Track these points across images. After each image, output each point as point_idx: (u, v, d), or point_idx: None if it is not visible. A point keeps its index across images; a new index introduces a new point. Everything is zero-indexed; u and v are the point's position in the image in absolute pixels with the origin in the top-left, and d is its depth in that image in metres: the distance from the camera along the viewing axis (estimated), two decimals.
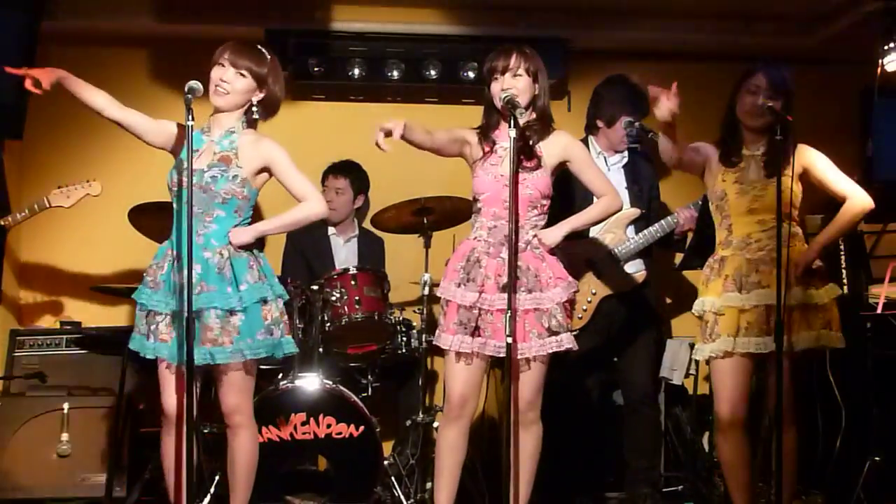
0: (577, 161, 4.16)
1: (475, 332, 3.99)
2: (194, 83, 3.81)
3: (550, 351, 4.00)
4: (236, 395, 3.98)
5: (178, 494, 3.89)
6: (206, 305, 3.87)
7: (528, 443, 4.05)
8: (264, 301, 3.95)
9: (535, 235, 4.03)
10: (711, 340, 4.13)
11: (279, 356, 4.05)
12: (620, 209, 4.27)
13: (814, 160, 4.19)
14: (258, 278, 3.97)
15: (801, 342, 4.10)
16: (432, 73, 6.07)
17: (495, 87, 4.04)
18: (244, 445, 4.04)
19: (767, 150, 4.17)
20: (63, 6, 5.62)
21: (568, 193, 5.09)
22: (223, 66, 3.96)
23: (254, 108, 4.04)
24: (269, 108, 4.09)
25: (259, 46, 4.07)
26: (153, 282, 3.93)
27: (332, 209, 5.79)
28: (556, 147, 4.11)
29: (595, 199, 4.29)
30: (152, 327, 3.90)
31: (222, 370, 3.93)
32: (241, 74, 3.96)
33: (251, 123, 4.08)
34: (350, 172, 5.83)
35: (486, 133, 4.13)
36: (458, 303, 3.98)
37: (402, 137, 3.92)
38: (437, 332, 4.08)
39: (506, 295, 3.88)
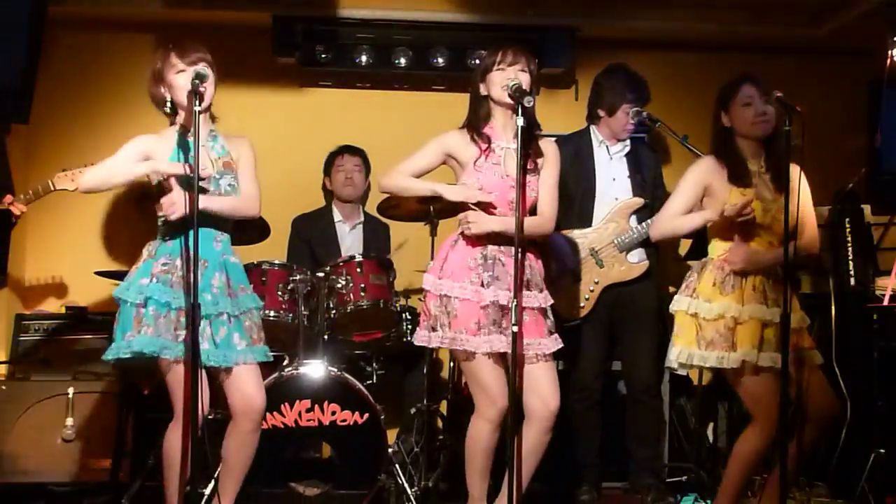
0: (551, 169, 4.11)
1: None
2: (202, 69, 3.80)
3: (556, 349, 4.04)
4: (262, 394, 4.05)
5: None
6: (254, 305, 4.05)
7: (545, 444, 4.04)
8: None
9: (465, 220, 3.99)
10: (731, 349, 4.07)
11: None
12: (544, 235, 4.17)
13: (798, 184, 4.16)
14: None
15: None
16: (439, 60, 6.06)
17: (498, 77, 3.98)
18: (255, 441, 4.07)
19: (771, 165, 4.18)
20: None
21: (566, 195, 5.12)
22: (183, 70, 3.86)
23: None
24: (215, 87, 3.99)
25: (186, 39, 3.99)
26: (175, 282, 3.85)
27: (352, 186, 5.83)
28: (544, 152, 4.09)
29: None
30: (174, 329, 3.82)
31: (255, 368, 4.00)
32: (206, 68, 3.87)
33: (212, 115, 4.06)
34: (360, 152, 5.89)
35: (477, 130, 4.06)
36: (490, 301, 3.92)
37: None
38: (457, 334, 3.94)
39: (533, 293, 3.97)
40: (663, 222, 4.31)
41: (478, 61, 5.87)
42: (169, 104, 3.96)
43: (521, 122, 3.73)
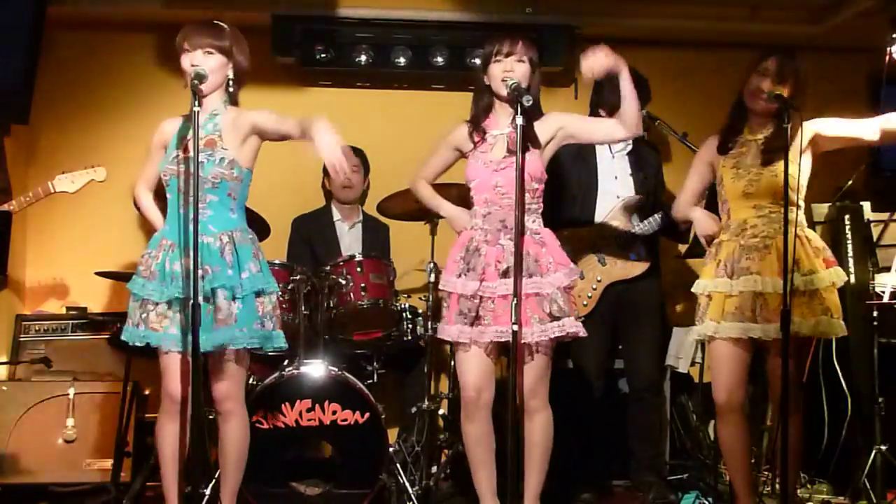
0: (570, 122, 4.17)
1: (476, 320, 3.99)
2: (202, 69, 3.82)
3: (552, 336, 3.97)
4: (228, 382, 4.01)
5: (181, 480, 3.92)
6: (216, 286, 3.89)
7: (534, 432, 4.04)
8: (260, 292, 3.98)
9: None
10: (701, 323, 4.19)
11: (268, 349, 4.05)
12: (623, 137, 4.25)
13: (820, 125, 4.20)
14: (258, 269, 4.01)
15: (800, 329, 4.05)
16: (439, 59, 6.05)
17: (496, 69, 4.02)
18: (234, 432, 4.07)
19: (770, 135, 4.18)
20: None
21: (568, 192, 5.11)
22: (188, 51, 3.95)
23: (230, 83, 4.03)
24: (239, 78, 4.07)
25: (215, 21, 4.05)
26: (147, 271, 3.93)
27: (349, 188, 5.81)
28: (545, 125, 4.10)
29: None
30: (143, 316, 3.90)
31: (218, 356, 3.95)
32: (208, 52, 3.94)
33: (233, 101, 4.08)
34: (358, 153, 5.86)
35: (476, 124, 4.12)
36: (460, 293, 4.00)
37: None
38: (441, 324, 4.14)
39: (507, 280, 3.90)
40: (679, 206, 4.50)
41: (477, 60, 5.96)
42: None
43: (520, 120, 3.76)
